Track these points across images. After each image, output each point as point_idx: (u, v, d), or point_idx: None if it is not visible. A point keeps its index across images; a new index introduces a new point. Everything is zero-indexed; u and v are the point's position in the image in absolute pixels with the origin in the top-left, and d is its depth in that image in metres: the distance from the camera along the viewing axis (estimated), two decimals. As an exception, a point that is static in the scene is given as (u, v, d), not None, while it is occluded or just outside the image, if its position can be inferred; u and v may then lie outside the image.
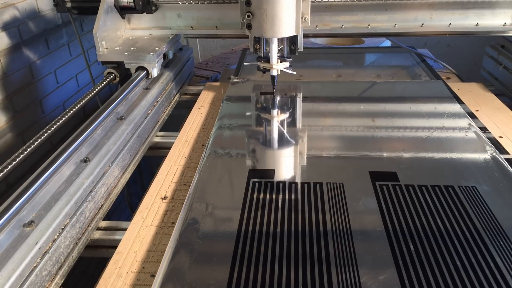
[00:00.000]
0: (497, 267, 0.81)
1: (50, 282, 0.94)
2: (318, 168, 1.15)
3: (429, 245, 0.86)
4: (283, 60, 1.45)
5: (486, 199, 0.99)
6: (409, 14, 1.71)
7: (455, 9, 1.69)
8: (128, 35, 1.81)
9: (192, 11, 1.79)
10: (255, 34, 1.38)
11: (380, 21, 1.73)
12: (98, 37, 1.58)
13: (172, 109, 1.75)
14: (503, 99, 1.68)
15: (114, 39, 1.70)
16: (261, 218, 0.96)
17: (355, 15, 1.73)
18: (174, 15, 1.81)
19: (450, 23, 1.70)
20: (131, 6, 1.71)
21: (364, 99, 1.59)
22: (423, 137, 1.27)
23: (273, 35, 1.36)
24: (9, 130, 1.72)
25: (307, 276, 0.80)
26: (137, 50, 1.63)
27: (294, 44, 1.48)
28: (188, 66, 2.06)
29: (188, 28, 1.82)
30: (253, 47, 1.48)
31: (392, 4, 1.69)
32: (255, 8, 1.31)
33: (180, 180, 1.25)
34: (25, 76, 1.82)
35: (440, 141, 1.25)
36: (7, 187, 1.64)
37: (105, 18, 1.62)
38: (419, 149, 1.21)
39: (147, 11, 1.74)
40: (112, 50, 1.63)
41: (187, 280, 0.81)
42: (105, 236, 1.12)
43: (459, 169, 1.12)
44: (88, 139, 1.24)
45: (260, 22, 1.32)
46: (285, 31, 1.34)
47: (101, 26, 1.59)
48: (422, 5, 1.68)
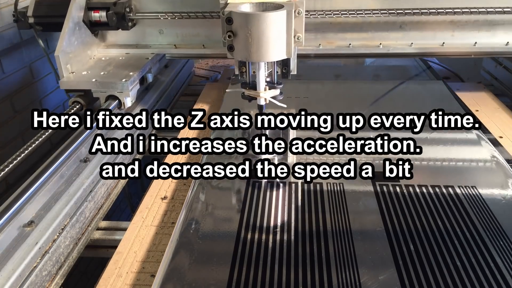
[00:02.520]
0: (497, 267, 0.81)
1: (50, 282, 0.94)
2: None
3: (429, 245, 0.86)
4: (272, 86, 1.21)
5: (486, 199, 0.99)
6: (427, 31, 1.51)
7: (481, 25, 1.48)
8: (101, 54, 1.57)
9: (175, 27, 1.57)
10: (238, 58, 1.16)
11: (393, 39, 1.52)
12: (62, 60, 1.34)
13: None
14: (503, 99, 1.68)
15: (83, 61, 1.47)
16: (261, 218, 0.96)
17: (364, 32, 1.52)
18: (155, 32, 1.59)
19: (475, 42, 1.50)
20: (103, 21, 1.47)
21: (364, 99, 1.58)
22: (423, 137, 1.27)
23: (260, 59, 1.11)
24: (9, 130, 1.72)
25: (307, 276, 0.80)
26: (108, 75, 1.39)
27: (285, 67, 1.24)
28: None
29: (170, 46, 1.60)
30: (238, 69, 1.24)
31: (407, 20, 1.48)
32: (238, 27, 1.07)
33: (180, 180, 1.25)
34: (25, 76, 1.82)
35: (440, 141, 1.25)
36: (7, 187, 1.64)
37: (71, 36, 1.39)
38: (419, 149, 1.21)
39: (123, 28, 1.51)
40: (79, 75, 1.39)
41: (187, 280, 0.81)
42: (105, 236, 1.12)
43: (459, 169, 1.12)
44: (88, 140, 1.24)
45: (243, 44, 1.08)
46: (274, 54, 1.10)
47: (66, 47, 1.36)
48: (442, 21, 1.48)
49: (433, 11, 1.43)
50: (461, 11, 1.42)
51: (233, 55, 1.14)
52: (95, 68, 1.45)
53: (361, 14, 1.45)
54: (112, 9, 1.46)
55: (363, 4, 1.48)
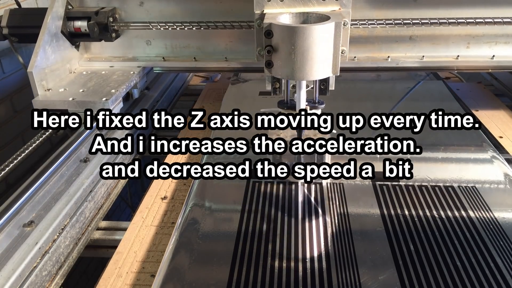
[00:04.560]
0: (497, 267, 0.81)
1: (50, 282, 0.94)
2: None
3: (429, 245, 0.86)
4: (313, 106, 1.11)
5: (486, 199, 0.99)
6: (439, 43, 1.39)
7: (499, 36, 1.36)
8: (82, 68, 1.43)
9: (164, 38, 1.44)
10: (278, 75, 1.02)
11: (402, 51, 1.41)
12: (35, 77, 1.21)
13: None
14: (503, 99, 1.68)
15: (61, 76, 1.34)
16: (261, 218, 0.96)
17: (370, 44, 1.40)
18: (141, 43, 1.45)
19: (493, 55, 1.38)
20: (84, 32, 1.35)
21: (364, 99, 1.58)
22: (423, 138, 1.27)
23: (304, 78, 0.98)
24: (9, 130, 1.72)
25: (307, 276, 0.80)
26: (88, 93, 1.25)
27: (324, 83, 1.13)
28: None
29: (158, 59, 1.46)
30: (271, 85, 1.13)
31: (417, 31, 1.36)
32: (279, 42, 0.95)
33: (180, 180, 1.25)
34: (25, 76, 1.82)
35: (440, 141, 1.25)
36: (7, 187, 1.64)
37: (46, 50, 1.26)
38: (419, 149, 1.21)
39: (106, 39, 1.37)
40: (56, 92, 1.26)
41: (187, 280, 0.81)
42: (105, 236, 1.12)
43: (459, 169, 1.12)
44: (88, 140, 1.24)
45: (285, 60, 0.96)
46: (319, 72, 0.98)
47: (41, 62, 1.23)
48: (456, 32, 1.36)
49: (444, 22, 1.29)
50: (475, 21, 1.28)
51: (272, 72, 1.00)
52: (75, 84, 1.32)
53: (365, 25, 1.30)
54: (94, 19, 1.33)
55: (368, 14, 1.36)
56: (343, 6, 1.02)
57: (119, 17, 1.42)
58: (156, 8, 1.40)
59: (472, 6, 1.33)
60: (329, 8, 1.03)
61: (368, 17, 1.32)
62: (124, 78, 1.35)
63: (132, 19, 1.42)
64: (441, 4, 1.33)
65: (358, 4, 1.33)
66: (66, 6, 1.35)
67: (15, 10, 1.42)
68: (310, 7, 1.03)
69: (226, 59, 1.43)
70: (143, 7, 1.40)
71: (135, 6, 1.40)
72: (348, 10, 1.01)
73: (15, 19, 1.39)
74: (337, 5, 1.02)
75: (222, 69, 1.49)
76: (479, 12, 1.33)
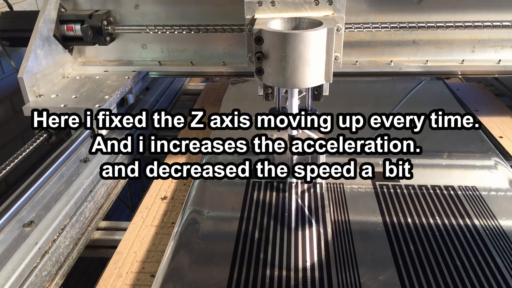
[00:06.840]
0: (497, 267, 0.81)
1: (50, 282, 0.94)
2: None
3: (429, 245, 0.86)
4: (306, 113, 1.10)
5: (486, 199, 0.99)
6: (444, 47, 1.35)
7: (505, 40, 1.32)
8: (76, 72, 1.39)
9: (160, 41, 1.41)
10: (268, 83, 0.99)
11: (405, 55, 1.37)
12: (26, 83, 1.17)
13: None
14: (503, 99, 1.68)
15: (54, 81, 1.30)
16: (261, 218, 0.96)
17: (372, 48, 1.36)
18: (137, 47, 1.42)
19: (500, 59, 1.35)
20: (78, 36, 1.31)
21: (364, 99, 1.58)
22: (423, 138, 1.27)
23: (295, 85, 0.95)
24: (9, 130, 1.72)
25: (307, 276, 0.80)
26: (80, 99, 1.22)
27: (317, 89, 1.10)
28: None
29: (154, 63, 1.43)
30: (263, 91, 1.11)
31: (421, 34, 1.32)
32: (270, 48, 0.91)
33: (180, 180, 1.25)
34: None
35: (440, 141, 1.25)
36: (7, 187, 1.64)
37: (38, 54, 1.22)
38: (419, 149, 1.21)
39: (100, 43, 1.34)
40: (47, 98, 1.22)
41: (187, 280, 0.81)
42: (105, 236, 1.12)
43: (459, 169, 1.12)
44: (88, 140, 1.24)
45: (276, 68, 0.92)
46: (311, 79, 0.94)
47: (32, 67, 1.19)
48: (461, 36, 1.32)
49: (451, 25, 1.25)
50: (483, 25, 1.24)
51: (262, 79, 0.97)
52: (67, 89, 1.28)
53: (369, 28, 1.27)
54: (87, 22, 1.30)
55: (372, 18, 1.32)
56: (336, 11, 1.00)
57: (114, 20, 1.38)
58: (152, 11, 1.37)
59: (477, 10, 1.30)
60: (322, 13, 1.00)
61: (372, 20, 1.30)
62: (118, 83, 1.32)
63: (127, 22, 1.39)
64: (444, 7, 1.31)
65: (361, 7, 1.31)
66: (59, 9, 1.32)
67: (6, 13, 1.38)
68: (302, 12, 1.00)
69: (224, 63, 1.41)
70: (138, 9, 1.37)
71: (130, 8, 1.37)
72: (341, 15, 0.98)
73: (6, 23, 1.35)
74: (331, 10, 1.00)
75: (220, 73, 1.47)
76: (484, 15, 1.30)
